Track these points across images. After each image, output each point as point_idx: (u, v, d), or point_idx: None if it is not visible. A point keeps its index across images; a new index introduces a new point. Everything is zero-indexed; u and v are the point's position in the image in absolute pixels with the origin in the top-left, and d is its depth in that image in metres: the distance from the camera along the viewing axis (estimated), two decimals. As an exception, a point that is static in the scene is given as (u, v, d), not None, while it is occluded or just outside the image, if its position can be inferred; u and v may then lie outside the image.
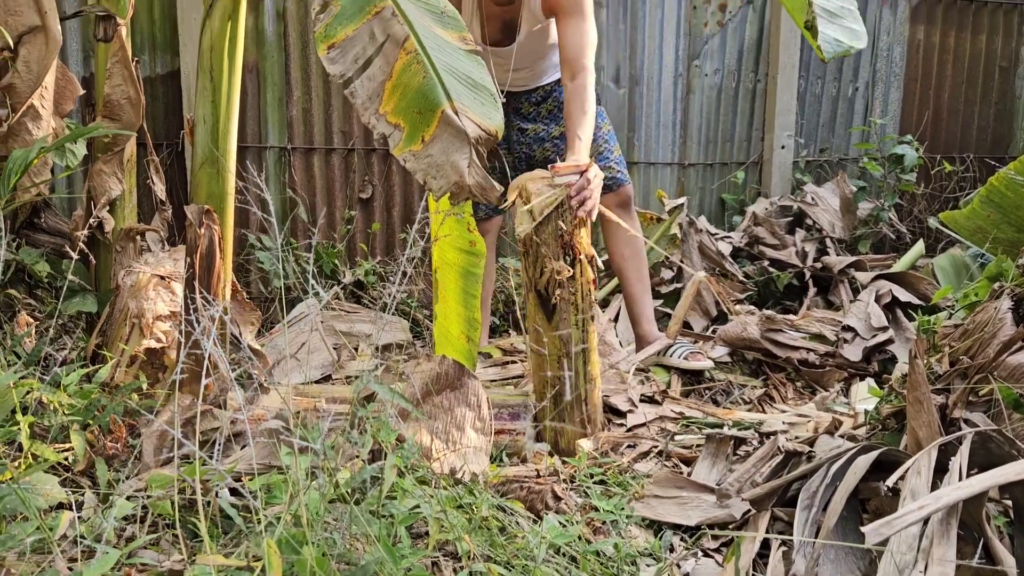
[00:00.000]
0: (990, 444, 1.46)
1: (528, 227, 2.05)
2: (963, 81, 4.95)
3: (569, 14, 2.54)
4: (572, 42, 2.53)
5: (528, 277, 2.12)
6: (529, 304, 2.16)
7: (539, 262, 2.09)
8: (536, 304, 2.13)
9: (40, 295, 2.63)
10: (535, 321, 2.14)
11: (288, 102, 3.64)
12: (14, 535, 1.19)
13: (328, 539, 1.25)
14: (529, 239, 2.08)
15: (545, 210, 2.04)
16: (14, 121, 2.43)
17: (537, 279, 2.10)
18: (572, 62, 2.52)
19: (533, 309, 2.14)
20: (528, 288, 2.13)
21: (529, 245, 2.09)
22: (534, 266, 2.10)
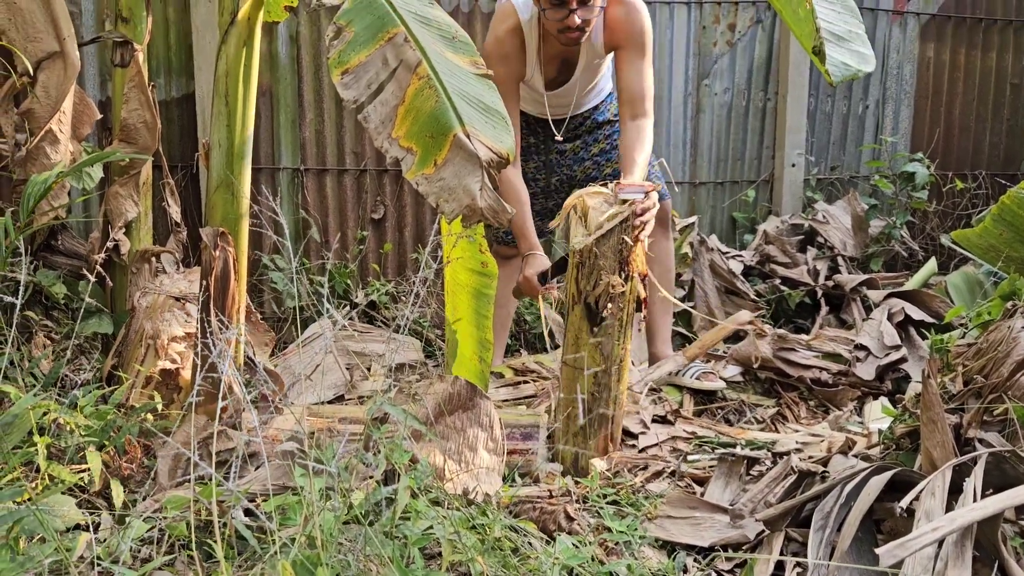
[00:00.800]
0: (1005, 465, 1.45)
1: (587, 239, 2.08)
2: (974, 98, 4.94)
3: (632, 52, 2.59)
4: (634, 83, 2.58)
5: (577, 288, 2.14)
6: (573, 316, 2.16)
7: (595, 274, 2.11)
8: (582, 316, 2.15)
9: (57, 316, 2.66)
10: (577, 333, 2.16)
11: (301, 124, 3.69)
12: (32, 556, 1.20)
13: (342, 561, 1.26)
14: (587, 251, 2.10)
15: (605, 224, 2.08)
16: (32, 145, 2.47)
17: (589, 291, 2.12)
18: (633, 104, 2.58)
19: (577, 321, 2.16)
20: (575, 300, 2.15)
21: (586, 257, 2.11)
22: (588, 278, 2.12)
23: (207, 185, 2.01)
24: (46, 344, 2.43)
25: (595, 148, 2.93)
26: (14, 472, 1.68)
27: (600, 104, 2.92)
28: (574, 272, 2.13)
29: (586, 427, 2.20)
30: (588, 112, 2.92)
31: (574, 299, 2.15)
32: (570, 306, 2.16)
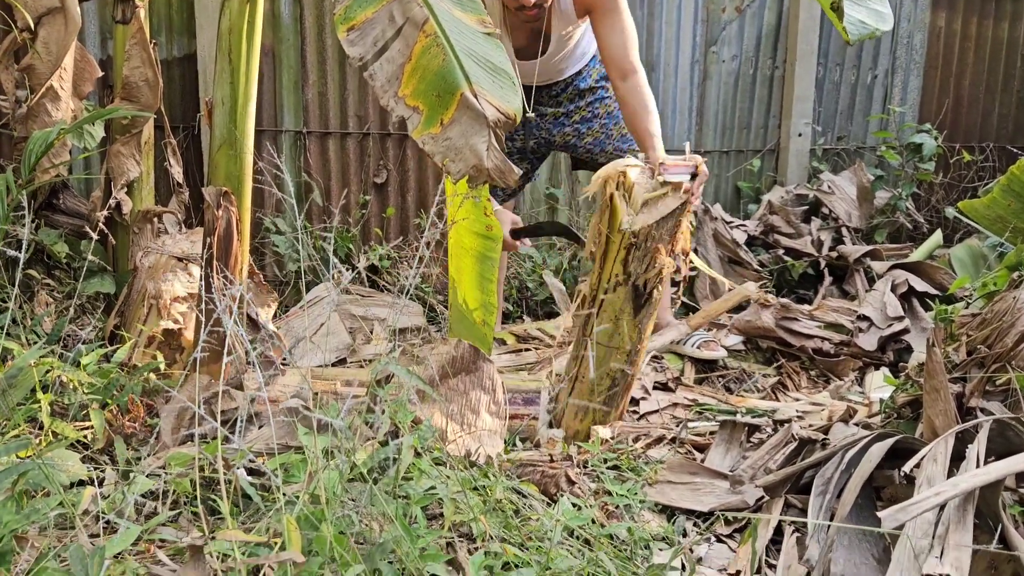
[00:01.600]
0: (1008, 432, 1.46)
1: (647, 220, 1.98)
2: (984, 69, 4.89)
3: (605, 11, 2.51)
4: (613, 42, 2.50)
5: (624, 270, 2.05)
6: (614, 296, 2.09)
7: (648, 257, 2.03)
8: (628, 297, 2.08)
9: (59, 275, 2.65)
10: (618, 313, 2.09)
11: (304, 86, 3.65)
12: (38, 509, 1.21)
13: (345, 517, 1.27)
14: (644, 232, 2.01)
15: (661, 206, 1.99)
16: (34, 102, 2.45)
17: (640, 273, 2.05)
18: (619, 62, 2.50)
19: (620, 301, 2.09)
20: (620, 281, 2.07)
21: (641, 239, 2.02)
22: (640, 260, 2.04)
23: (210, 143, 1.99)
24: (48, 303, 2.43)
25: (576, 116, 2.88)
26: (18, 428, 1.68)
27: (582, 69, 2.85)
28: (621, 254, 2.05)
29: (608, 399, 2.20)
30: (570, 78, 2.86)
31: (619, 280, 2.07)
32: (611, 286, 2.08)
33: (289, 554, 1.08)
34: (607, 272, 2.10)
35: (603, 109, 2.87)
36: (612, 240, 2.06)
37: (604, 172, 2.09)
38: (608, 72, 2.57)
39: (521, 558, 1.40)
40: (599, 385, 2.18)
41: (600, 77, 2.86)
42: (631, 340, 2.15)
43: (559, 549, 1.44)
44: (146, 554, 1.35)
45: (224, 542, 1.16)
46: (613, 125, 2.86)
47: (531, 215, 4.10)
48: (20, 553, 1.24)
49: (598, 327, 2.12)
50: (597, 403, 2.20)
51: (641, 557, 1.58)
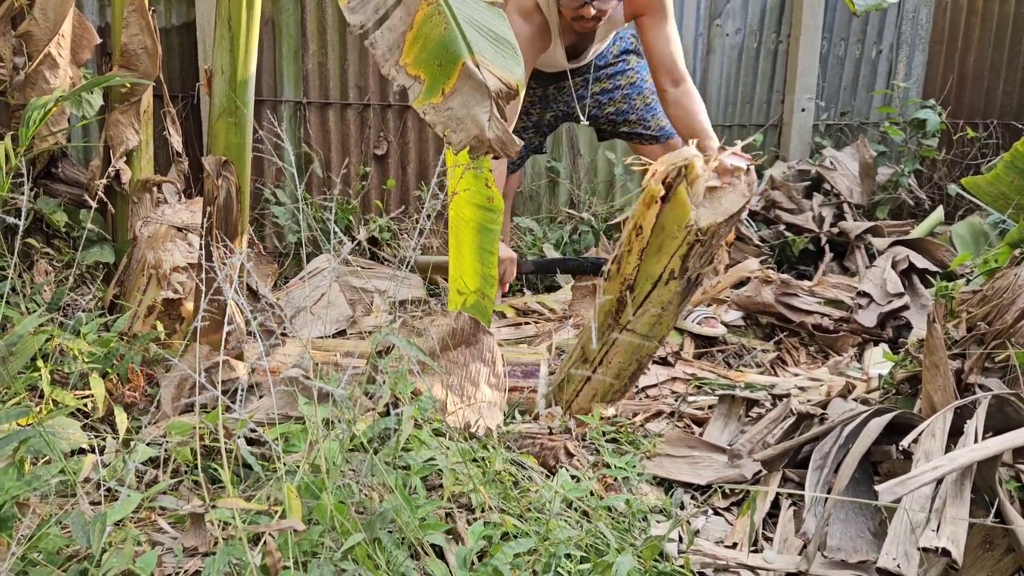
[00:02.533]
0: (1007, 408, 1.46)
1: (713, 219, 1.90)
2: (990, 45, 4.84)
3: (656, 18, 2.56)
4: (664, 50, 2.57)
5: (683, 265, 1.97)
6: (666, 289, 2.01)
7: (708, 252, 1.96)
8: (678, 291, 2.01)
9: (58, 245, 2.64)
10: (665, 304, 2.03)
11: (304, 56, 3.61)
12: (39, 476, 1.21)
13: (345, 487, 1.27)
14: (710, 231, 1.92)
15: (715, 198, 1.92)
16: (31, 69, 2.42)
17: (697, 267, 1.98)
18: (670, 69, 2.57)
19: (670, 294, 2.01)
20: (674, 275, 1.98)
21: (708, 236, 1.93)
22: (700, 256, 1.96)
23: (209, 113, 1.98)
24: (48, 271, 2.42)
25: (596, 87, 2.90)
26: (19, 396, 1.69)
27: (603, 50, 2.88)
28: (683, 248, 1.95)
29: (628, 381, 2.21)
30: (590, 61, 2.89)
31: (673, 273, 1.98)
32: (664, 278, 1.99)
33: (290, 522, 1.09)
34: (660, 265, 1.99)
35: (625, 80, 2.87)
36: (674, 235, 1.95)
37: (669, 159, 1.98)
38: (657, 76, 2.62)
39: (520, 528, 1.41)
40: (625, 370, 2.16)
41: (620, 52, 2.88)
42: (666, 330, 2.11)
43: (558, 520, 1.45)
44: (147, 521, 1.36)
45: (225, 510, 1.16)
46: (636, 95, 2.86)
47: (532, 189, 4.09)
48: (21, 519, 1.25)
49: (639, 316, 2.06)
50: (619, 385, 2.20)
51: (639, 529, 1.59)
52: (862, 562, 1.39)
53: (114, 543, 1.16)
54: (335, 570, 1.08)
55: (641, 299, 2.04)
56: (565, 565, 1.34)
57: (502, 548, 1.31)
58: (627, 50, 2.92)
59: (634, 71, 2.90)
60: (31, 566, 1.14)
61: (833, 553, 1.41)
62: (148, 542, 1.29)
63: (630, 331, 2.08)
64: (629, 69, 2.89)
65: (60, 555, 1.18)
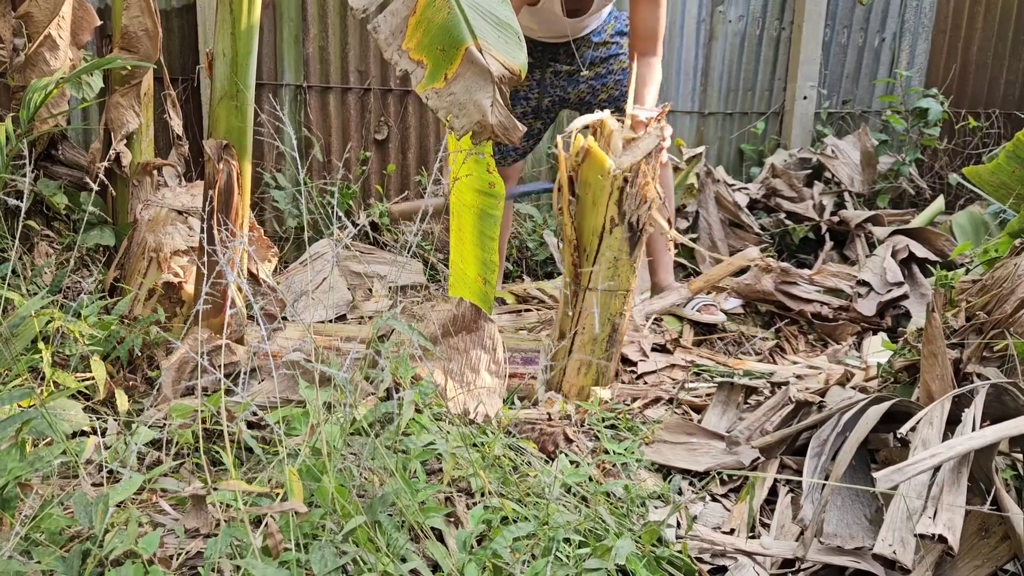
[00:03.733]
0: (1004, 397, 1.47)
1: (633, 158, 2.10)
2: (993, 34, 4.82)
3: None
4: (647, 24, 2.63)
5: (619, 210, 2.14)
6: (612, 239, 2.17)
7: (639, 193, 2.12)
8: (623, 237, 2.16)
9: (58, 227, 2.64)
10: (617, 254, 2.17)
11: (304, 39, 3.60)
12: (41, 457, 1.22)
13: (346, 469, 1.28)
14: (633, 168, 2.11)
15: (642, 145, 2.12)
16: (31, 51, 2.41)
17: (634, 209, 2.13)
18: (645, 42, 2.63)
19: (617, 243, 2.16)
20: (615, 222, 2.15)
21: (632, 176, 2.11)
22: (634, 198, 2.13)
23: (210, 96, 1.97)
24: (48, 253, 2.42)
25: (589, 72, 2.89)
26: (20, 378, 1.69)
27: (598, 26, 2.87)
28: (614, 195, 2.13)
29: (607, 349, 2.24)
30: (587, 35, 2.87)
31: (613, 221, 2.15)
32: (607, 228, 2.16)
33: (291, 504, 1.10)
34: (599, 216, 2.16)
35: (618, 65, 2.86)
36: (601, 184, 2.13)
37: (580, 121, 2.19)
38: (632, 43, 2.67)
39: (519, 513, 1.42)
40: (601, 335, 2.20)
41: (615, 32, 2.86)
42: (628, 280, 2.21)
43: (557, 505, 1.46)
44: (148, 503, 1.37)
45: (226, 492, 1.17)
46: (627, 82, 2.85)
47: (533, 175, 4.08)
48: (24, 500, 1.26)
49: (594, 271, 2.18)
50: (599, 355, 2.23)
51: (637, 514, 1.60)
52: (858, 548, 1.40)
53: (116, 524, 1.17)
54: (336, 552, 1.09)
55: (593, 254, 2.18)
56: (564, 549, 1.35)
57: (502, 532, 1.32)
58: (621, 31, 2.91)
59: (626, 56, 2.89)
60: (34, 546, 1.15)
61: (830, 539, 1.42)
62: (150, 523, 1.30)
63: (592, 289, 2.19)
64: (622, 53, 2.89)
65: (62, 535, 1.18)
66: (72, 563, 1.10)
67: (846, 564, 1.39)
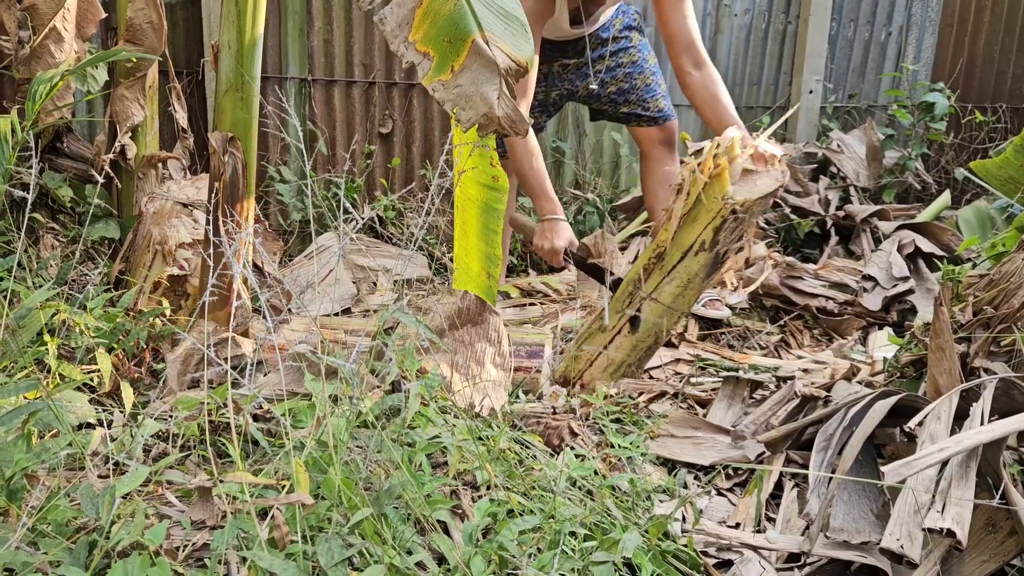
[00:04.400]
0: (1013, 391, 1.46)
1: (749, 195, 2.01)
2: (1001, 28, 4.80)
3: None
4: (682, 28, 2.54)
5: (715, 238, 2.06)
6: (692, 262, 2.10)
7: (740, 229, 2.06)
8: (706, 264, 2.10)
9: (63, 220, 2.64)
10: (691, 277, 2.12)
11: (309, 32, 3.59)
12: (48, 448, 1.22)
13: (352, 462, 1.28)
14: (746, 205, 2.02)
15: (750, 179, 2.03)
16: (36, 43, 2.41)
17: (727, 243, 2.07)
18: (690, 50, 2.55)
19: (698, 267, 2.10)
20: (703, 247, 2.08)
21: (741, 212, 2.03)
22: (731, 231, 2.06)
23: (216, 88, 1.97)
24: (54, 246, 2.42)
25: (600, 65, 2.87)
26: (26, 370, 1.69)
27: (606, 22, 2.85)
28: (716, 221, 2.05)
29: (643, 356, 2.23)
30: (595, 31, 2.85)
31: (703, 245, 2.08)
32: (695, 249, 2.09)
33: (298, 496, 1.09)
34: (693, 235, 2.08)
35: (627, 58, 2.84)
36: (709, 207, 2.05)
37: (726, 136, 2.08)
38: (677, 56, 2.59)
39: (525, 506, 1.42)
40: (642, 342, 2.18)
41: (623, 27, 2.84)
42: (689, 303, 2.17)
43: (562, 498, 1.46)
44: (154, 495, 1.37)
45: (232, 484, 1.17)
46: (638, 75, 2.84)
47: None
48: (31, 491, 1.26)
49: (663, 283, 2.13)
50: (633, 359, 2.21)
51: (642, 508, 1.60)
52: (864, 543, 1.39)
53: (123, 515, 1.17)
54: (343, 544, 1.09)
55: (669, 268, 2.12)
56: (569, 543, 1.35)
57: (508, 525, 1.31)
58: (630, 26, 2.88)
59: (636, 49, 2.86)
60: (41, 537, 1.15)
61: (836, 534, 1.41)
62: (156, 515, 1.30)
63: (654, 300, 2.14)
64: (631, 47, 2.86)
65: (69, 527, 1.18)
66: (79, 554, 1.10)
67: (852, 559, 1.38)
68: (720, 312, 2.86)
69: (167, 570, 1.07)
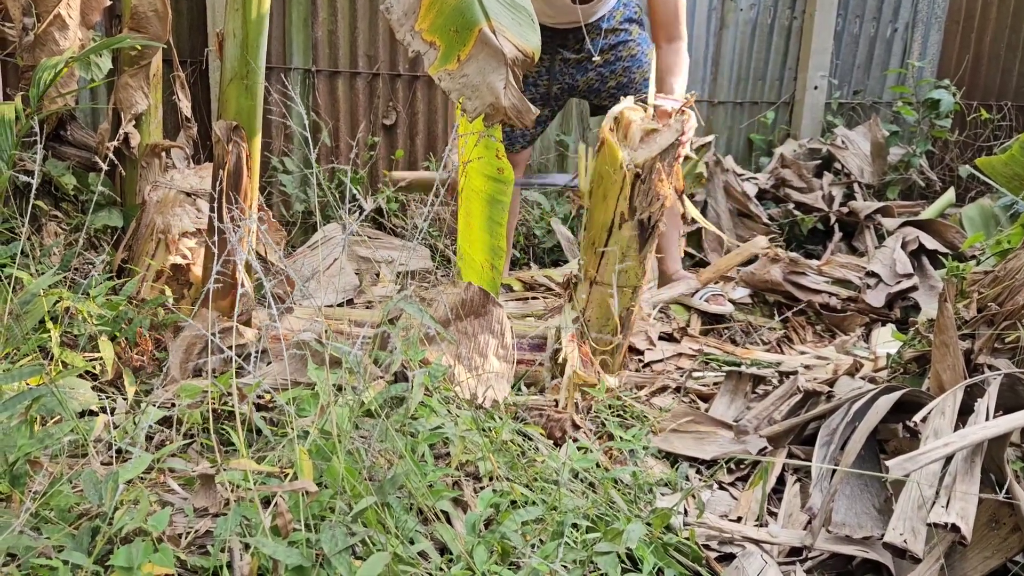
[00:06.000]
0: (1017, 387, 1.46)
1: (648, 153, 2.03)
2: (1007, 26, 4.78)
3: None
4: (667, 7, 2.59)
5: (630, 206, 2.08)
6: (621, 233, 2.11)
7: (651, 190, 2.06)
8: (634, 234, 2.11)
9: (66, 208, 2.64)
10: (625, 249, 2.12)
11: (313, 23, 3.58)
12: (51, 434, 1.22)
13: (355, 451, 1.28)
14: (646, 165, 2.03)
15: (661, 139, 2.04)
16: (41, 30, 2.40)
17: (645, 206, 2.07)
18: (667, 27, 2.59)
19: (626, 238, 2.11)
20: (625, 217, 2.09)
21: (644, 172, 2.04)
22: (645, 195, 2.06)
23: (220, 77, 1.96)
24: (57, 233, 2.42)
25: (599, 59, 2.86)
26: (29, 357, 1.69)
27: (607, 12, 2.84)
28: (625, 190, 2.07)
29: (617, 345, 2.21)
30: (596, 22, 2.84)
31: (623, 216, 2.09)
32: (616, 223, 2.10)
33: (302, 483, 1.09)
34: (609, 210, 2.11)
35: (626, 52, 2.83)
36: (613, 179, 2.08)
37: (613, 111, 2.13)
38: (655, 32, 2.63)
39: (528, 497, 1.42)
40: (605, 327, 2.18)
41: (624, 19, 2.82)
42: (636, 277, 2.16)
43: (565, 490, 1.46)
44: (157, 482, 1.37)
45: (235, 472, 1.17)
46: (636, 69, 2.83)
47: (540, 162, 4.07)
48: (34, 477, 1.26)
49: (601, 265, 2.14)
50: (603, 347, 2.21)
51: (644, 501, 1.60)
52: (867, 538, 1.39)
53: (126, 502, 1.17)
54: (346, 532, 1.09)
55: (600, 248, 2.14)
56: (572, 534, 1.35)
57: (510, 515, 1.31)
58: (630, 18, 2.87)
59: (635, 43, 2.85)
60: (44, 523, 1.15)
61: (838, 528, 1.41)
62: (159, 502, 1.30)
63: (599, 283, 2.15)
64: (631, 40, 2.85)
65: (72, 512, 1.18)
66: (82, 540, 1.10)
67: (854, 553, 1.38)
68: (723, 308, 2.85)
69: (170, 556, 1.07)
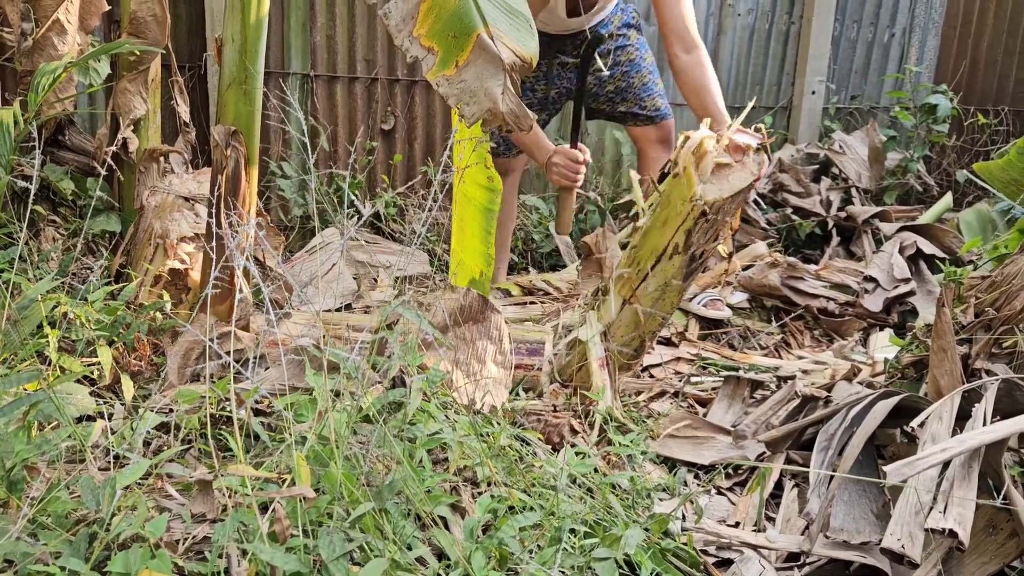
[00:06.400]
0: (1015, 392, 1.46)
1: (720, 193, 1.90)
2: (1004, 31, 4.80)
3: None
4: (675, 12, 2.53)
5: (687, 239, 1.97)
6: (669, 264, 2.02)
7: (714, 228, 1.97)
8: (681, 267, 2.01)
9: (64, 213, 2.63)
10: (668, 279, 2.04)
11: (312, 28, 3.59)
12: (48, 440, 1.22)
13: (353, 456, 1.28)
14: (718, 206, 1.92)
15: (736, 181, 1.91)
16: (39, 35, 2.40)
17: (702, 243, 1.98)
18: (681, 34, 2.53)
19: (674, 269, 2.02)
20: (677, 250, 1.99)
21: (713, 211, 1.93)
22: (705, 232, 1.96)
23: (219, 82, 1.96)
24: (55, 238, 2.42)
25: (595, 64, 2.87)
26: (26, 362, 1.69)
27: (604, 18, 2.84)
28: (687, 223, 1.96)
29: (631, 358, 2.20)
30: (593, 27, 2.84)
31: (677, 248, 1.99)
32: (668, 252, 2.00)
33: (300, 489, 1.09)
34: (665, 239, 2.01)
35: (624, 57, 2.83)
36: (679, 209, 1.96)
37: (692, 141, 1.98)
38: (668, 41, 2.58)
39: (526, 502, 1.42)
40: (627, 345, 2.15)
41: (622, 24, 2.83)
42: (672, 305, 2.10)
43: (562, 495, 1.46)
44: (155, 488, 1.37)
45: (233, 477, 1.17)
46: (635, 73, 2.84)
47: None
48: (31, 483, 1.25)
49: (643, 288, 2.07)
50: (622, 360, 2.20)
51: (642, 506, 1.60)
52: (864, 543, 1.39)
53: (123, 508, 1.17)
54: (344, 538, 1.08)
55: (645, 272, 2.05)
56: (570, 540, 1.35)
57: (508, 521, 1.31)
58: (628, 24, 2.88)
59: (633, 47, 2.86)
60: (41, 528, 1.15)
61: (836, 534, 1.41)
62: (156, 508, 1.29)
63: (633, 302, 2.09)
64: (628, 45, 2.85)
65: (69, 518, 1.18)
66: (79, 546, 1.09)
67: (852, 558, 1.38)
68: (721, 313, 2.85)
69: (167, 562, 1.06)
